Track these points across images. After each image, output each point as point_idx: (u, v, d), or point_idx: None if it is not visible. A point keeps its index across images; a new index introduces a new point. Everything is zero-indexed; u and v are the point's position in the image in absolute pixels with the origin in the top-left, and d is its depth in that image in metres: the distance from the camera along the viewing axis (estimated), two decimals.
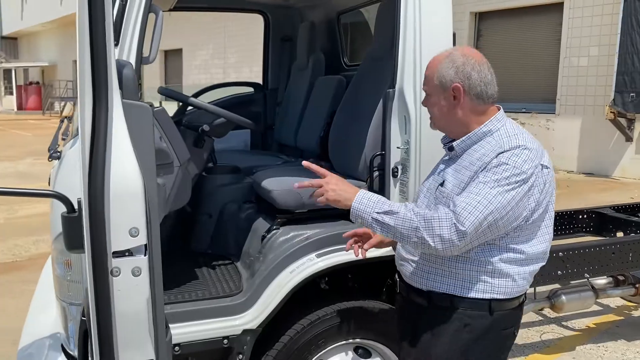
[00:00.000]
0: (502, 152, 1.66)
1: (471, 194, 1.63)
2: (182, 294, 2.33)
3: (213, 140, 2.59)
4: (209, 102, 3.77)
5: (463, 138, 1.79)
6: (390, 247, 2.11)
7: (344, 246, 2.31)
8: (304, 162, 1.83)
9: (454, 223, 1.59)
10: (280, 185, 2.48)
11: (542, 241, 1.77)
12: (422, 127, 2.31)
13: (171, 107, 3.94)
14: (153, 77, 23.58)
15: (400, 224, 1.65)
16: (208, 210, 2.87)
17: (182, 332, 2.19)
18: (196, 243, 2.88)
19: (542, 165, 1.68)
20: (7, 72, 31.38)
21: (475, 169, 1.69)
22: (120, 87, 1.41)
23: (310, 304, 2.41)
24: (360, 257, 2.00)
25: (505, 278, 1.73)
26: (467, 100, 1.75)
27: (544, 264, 1.81)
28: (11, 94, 31.06)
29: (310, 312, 2.37)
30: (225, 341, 2.24)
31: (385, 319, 2.41)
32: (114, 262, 1.36)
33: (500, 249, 1.71)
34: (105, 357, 1.34)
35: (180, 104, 3.51)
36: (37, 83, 30.91)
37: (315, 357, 2.37)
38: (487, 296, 1.73)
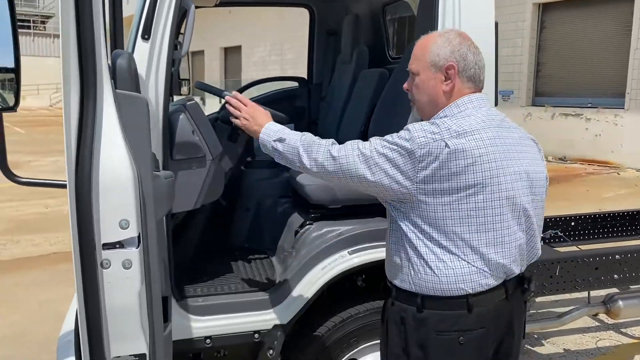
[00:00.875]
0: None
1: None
2: (215, 287, 2.34)
3: (249, 135, 2.58)
4: (254, 97, 3.79)
5: None
6: None
7: (378, 243, 2.27)
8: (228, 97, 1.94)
9: (329, 149, 1.67)
10: (314, 180, 2.45)
11: (473, 239, 1.58)
12: None
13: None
14: (213, 73, 24.17)
15: (287, 149, 1.74)
16: (246, 204, 2.88)
17: (213, 324, 2.21)
18: (234, 236, 2.90)
19: (445, 143, 1.54)
20: None
21: None
22: (114, 78, 1.42)
23: (343, 301, 2.37)
24: None
25: (425, 268, 1.61)
26: (458, 82, 1.65)
27: (485, 270, 1.61)
28: None
29: (343, 309, 2.33)
30: (256, 335, 2.24)
31: None
32: (104, 254, 1.36)
33: (419, 233, 1.62)
34: (95, 349, 1.35)
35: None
36: None
37: (347, 355, 2.33)
38: (413, 289, 1.65)
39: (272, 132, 1.81)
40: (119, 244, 1.37)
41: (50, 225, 6.62)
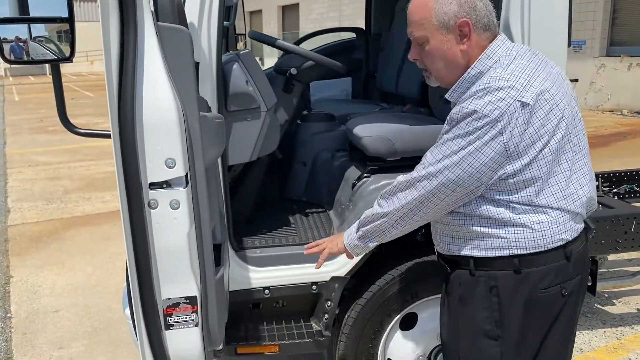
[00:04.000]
0: (470, 97, 1.43)
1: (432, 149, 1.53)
2: (273, 239, 2.35)
3: (304, 86, 2.53)
4: (312, 49, 3.70)
5: (454, 87, 1.55)
6: None
7: None
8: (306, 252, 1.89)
9: (401, 184, 1.59)
10: (371, 132, 2.37)
11: (559, 189, 1.48)
12: None
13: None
14: (271, 32, 24.09)
15: (371, 226, 1.69)
16: (302, 157, 2.84)
17: (272, 275, 2.22)
18: (291, 190, 2.89)
19: (521, 102, 1.39)
20: None
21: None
22: (155, 9, 1.37)
23: (402, 255, 2.32)
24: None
25: (522, 228, 1.48)
26: (474, 37, 1.50)
27: (578, 212, 1.53)
28: None
29: (402, 263, 2.28)
30: (314, 287, 2.24)
31: None
32: (151, 194, 1.33)
33: (502, 201, 1.49)
34: (145, 291, 1.35)
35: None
36: None
37: (407, 309, 2.28)
38: (507, 253, 1.51)
39: (352, 229, 1.78)
40: (166, 184, 1.34)
41: None
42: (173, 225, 1.34)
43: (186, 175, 1.34)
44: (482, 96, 1.41)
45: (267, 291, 2.22)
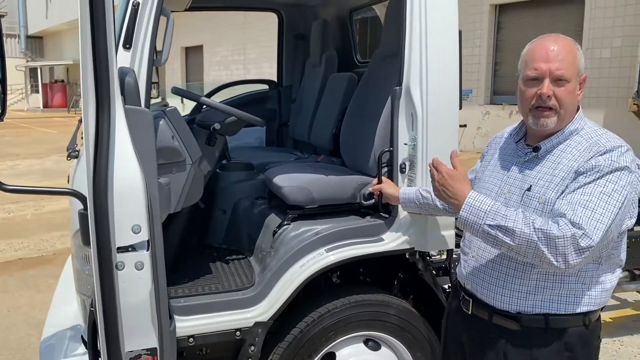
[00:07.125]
0: (607, 153, 1.54)
1: (589, 203, 1.48)
2: (196, 288, 2.40)
3: (225, 138, 2.66)
4: (224, 100, 3.86)
5: (551, 137, 1.66)
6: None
7: (354, 240, 2.38)
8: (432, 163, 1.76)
9: (576, 242, 1.45)
10: (290, 182, 2.54)
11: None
12: (428, 124, 2.34)
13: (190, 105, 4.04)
14: (174, 73, 23.86)
15: (517, 242, 1.50)
16: (222, 206, 2.94)
17: (196, 324, 2.26)
18: (211, 238, 2.96)
19: (637, 164, 1.60)
20: (33, 70, 32.00)
21: (573, 172, 1.57)
22: (123, 94, 1.50)
23: (321, 297, 2.47)
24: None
25: (601, 286, 1.63)
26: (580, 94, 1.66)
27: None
28: (37, 92, 31.60)
29: (321, 305, 2.42)
30: (238, 333, 2.31)
31: (397, 313, 2.46)
32: (119, 257, 1.46)
33: (601, 258, 1.61)
34: (112, 344, 1.43)
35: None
36: (62, 81, 31.50)
37: (326, 348, 2.42)
38: (585, 309, 1.62)
39: (482, 213, 1.57)
40: (132, 247, 1.47)
41: (13, 231, 6.49)
42: (138, 285, 1.45)
43: (149, 239, 1.45)
44: (624, 152, 1.55)
45: (191, 339, 2.25)
